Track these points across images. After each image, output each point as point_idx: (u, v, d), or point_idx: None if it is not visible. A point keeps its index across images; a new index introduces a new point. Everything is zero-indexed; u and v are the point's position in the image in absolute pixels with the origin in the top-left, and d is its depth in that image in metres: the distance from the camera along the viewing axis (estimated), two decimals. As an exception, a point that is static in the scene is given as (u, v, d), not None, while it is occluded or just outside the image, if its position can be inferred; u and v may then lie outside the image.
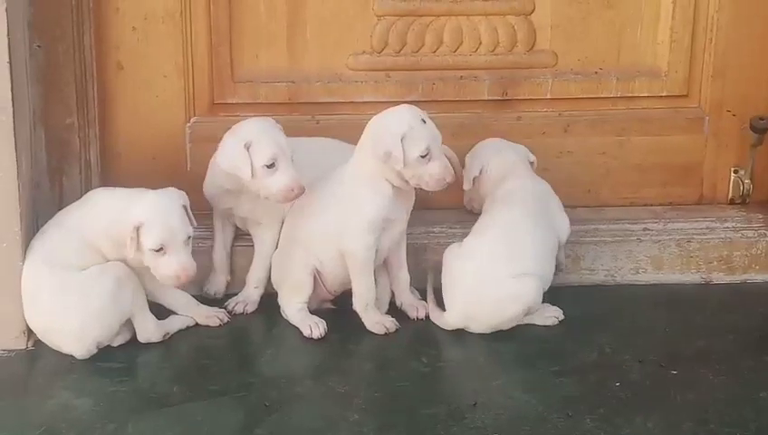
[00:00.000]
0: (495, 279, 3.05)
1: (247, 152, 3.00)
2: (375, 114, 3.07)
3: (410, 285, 3.22)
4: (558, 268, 3.25)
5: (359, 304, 3.11)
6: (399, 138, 2.94)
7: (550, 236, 3.19)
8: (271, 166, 3.02)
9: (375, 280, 3.12)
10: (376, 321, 3.11)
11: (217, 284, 3.32)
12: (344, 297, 3.18)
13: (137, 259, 2.93)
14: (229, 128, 3.12)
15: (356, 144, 3.09)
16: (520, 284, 3.06)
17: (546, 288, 3.13)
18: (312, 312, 3.15)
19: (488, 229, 3.14)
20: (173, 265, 2.90)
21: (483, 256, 3.08)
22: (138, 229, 2.87)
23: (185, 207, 2.95)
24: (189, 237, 2.93)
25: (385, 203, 3.04)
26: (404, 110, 3.03)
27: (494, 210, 3.20)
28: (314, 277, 3.13)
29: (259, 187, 3.05)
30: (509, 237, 3.10)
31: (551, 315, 3.16)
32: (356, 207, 3.04)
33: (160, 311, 3.09)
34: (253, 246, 3.27)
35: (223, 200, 3.19)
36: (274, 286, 3.21)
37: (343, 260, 3.09)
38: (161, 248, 2.88)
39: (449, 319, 3.11)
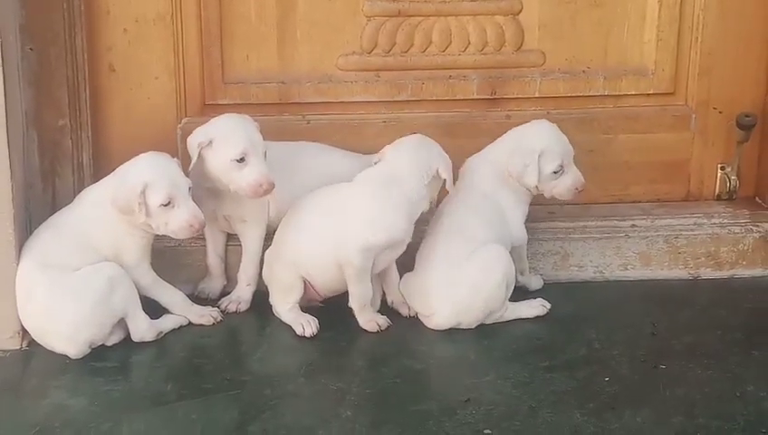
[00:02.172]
0: (460, 266, 3.07)
1: (198, 148, 3.03)
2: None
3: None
4: (520, 273, 3.27)
5: (355, 303, 3.11)
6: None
7: (502, 229, 3.19)
8: (241, 160, 3.04)
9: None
10: (369, 319, 3.13)
11: (213, 288, 3.33)
12: (336, 296, 3.18)
13: (144, 228, 2.99)
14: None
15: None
16: (485, 252, 3.08)
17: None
18: (303, 309, 3.16)
19: (434, 234, 3.17)
20: (184, 216, 2.97)
21: (438, 254, 3.11)
22: (144, 191, 2.92)
23: (176, 162, 3.03)
24: (189, 188, 3.00)
25: (409, 228, 3.06)
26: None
27: (436, 220, 3.21)
28: (304, 282, 3.14)
29: (229, 180, 3.06)
30: (456, 227, 3.13)
31: (538, 305, 3.19)
32: (369, 223, 3.02)
33: (153, 310, 3.11)
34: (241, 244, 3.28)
35: (207, 202, 3.16)
36: (265, 283, 3.22)
37: (334, 270, 3.08)
38: (169, 202, 2.95)
39: (438, 322, 3.13)
